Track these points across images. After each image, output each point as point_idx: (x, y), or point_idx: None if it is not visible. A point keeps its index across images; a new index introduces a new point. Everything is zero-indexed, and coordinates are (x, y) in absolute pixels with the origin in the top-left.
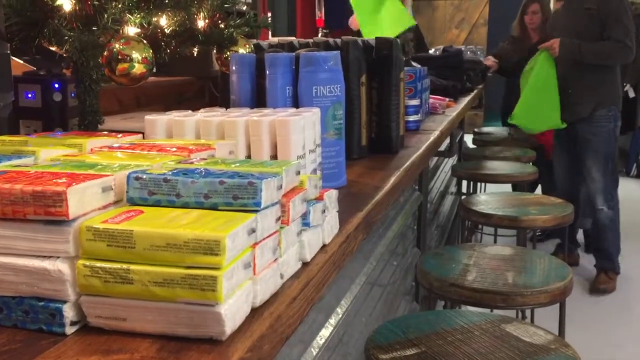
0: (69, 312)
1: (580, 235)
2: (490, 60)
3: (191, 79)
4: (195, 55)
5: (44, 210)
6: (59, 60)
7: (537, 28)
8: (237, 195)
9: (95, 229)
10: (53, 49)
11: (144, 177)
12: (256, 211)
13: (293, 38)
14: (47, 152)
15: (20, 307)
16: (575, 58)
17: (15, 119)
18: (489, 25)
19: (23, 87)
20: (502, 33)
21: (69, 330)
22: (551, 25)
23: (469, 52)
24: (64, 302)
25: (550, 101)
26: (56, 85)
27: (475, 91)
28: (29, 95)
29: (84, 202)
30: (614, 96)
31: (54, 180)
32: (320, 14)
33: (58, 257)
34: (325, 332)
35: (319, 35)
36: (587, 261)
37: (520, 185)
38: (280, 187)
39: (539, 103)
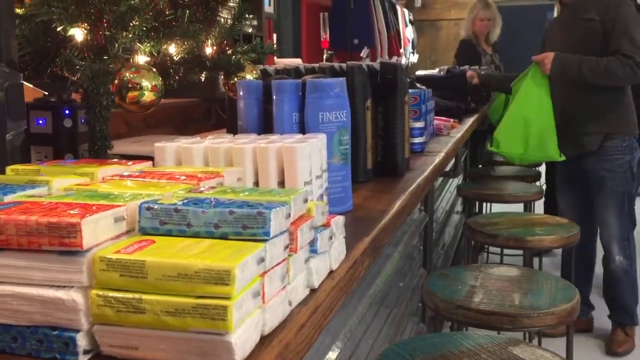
0: (82, 341)
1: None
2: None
3: (198, 101)
4: (202, 80)
5: (58, 241)
6: (68, 85)
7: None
8: (246, 224)
9: (108, 259)
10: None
11: (155, 207)
12: (265, 240)
13: (299, 62)
14: (60, 182)
15: (35, 336)
16: (572, 76)
17: (26, 145)
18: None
19: (34, 114)
20: (505, 52)
21: (82, 358)
22: (546, 42)
23: None
24: (78, 331)
25: (544, 126)
26: (67, 112)
27: (480, 111)
28: (40, 122)
29: (97, 232)
30: (627, 122)
31: (68, 212)
32: (325, 35)
33: (72, 287)
34: (332, 355)
35: (324, 56)
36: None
37: (527, 205)
38: (289, 215)
39: (527, 127)
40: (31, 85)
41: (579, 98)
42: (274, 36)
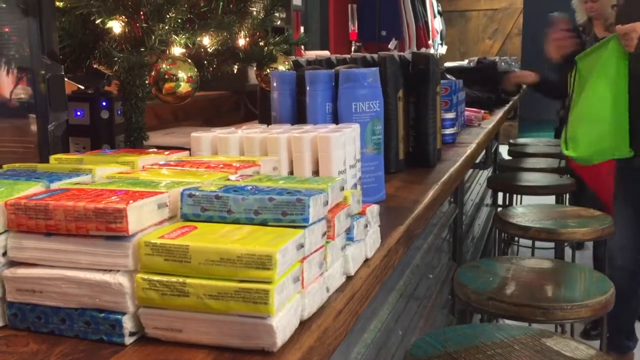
0: (128, 324)
1: None
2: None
3: (227, 94)
4: (234, 72)
5: (105, 226)
6: (105, 78)
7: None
8: (286, 211)
9: (153, 244)
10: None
11: (197, 194)
12: (304, 227)
13: (327, 54)
14: (103, 170)
15: (82, 319)
16: None
17: (65, 136)
18: (523, 35)
19: (73, 106)
20: (536, 43)
21: (128, 340)
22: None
23: (503, 63)
24: (124, 313)
25: (617, 116)
26: (104, 104)
27: (510, 102)
28: (78, 113)
29: (142, 218)
30: None
31: (114, 198)
32: (353, 27)
33: (118, 271)
34: (363, 345)
35: (352, 48)
36: None
37: (559, 197)
38: (326, 203)
39: (600, 119)
40: (66, 79)
41: None
42: (302, 29)
